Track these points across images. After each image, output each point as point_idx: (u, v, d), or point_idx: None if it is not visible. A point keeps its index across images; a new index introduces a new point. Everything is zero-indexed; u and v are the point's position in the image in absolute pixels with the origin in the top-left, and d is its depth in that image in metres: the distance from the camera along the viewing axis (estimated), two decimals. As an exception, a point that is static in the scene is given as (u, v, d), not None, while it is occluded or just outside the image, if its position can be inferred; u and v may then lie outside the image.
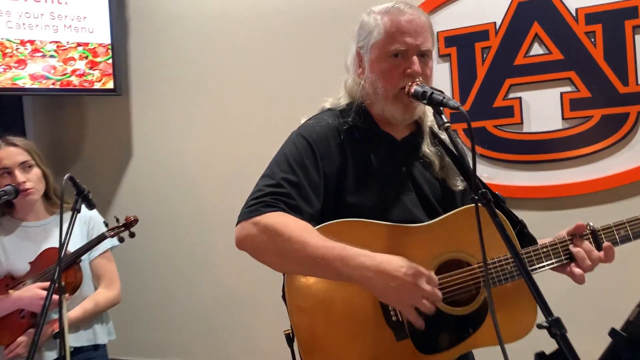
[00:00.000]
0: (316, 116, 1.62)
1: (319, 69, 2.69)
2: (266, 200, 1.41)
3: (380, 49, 1.52)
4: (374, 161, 1.56)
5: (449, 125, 1.37)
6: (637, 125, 2.15)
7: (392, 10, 1.54)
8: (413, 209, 1.56)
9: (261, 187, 1.45)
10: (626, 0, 2.13)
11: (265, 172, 1.49)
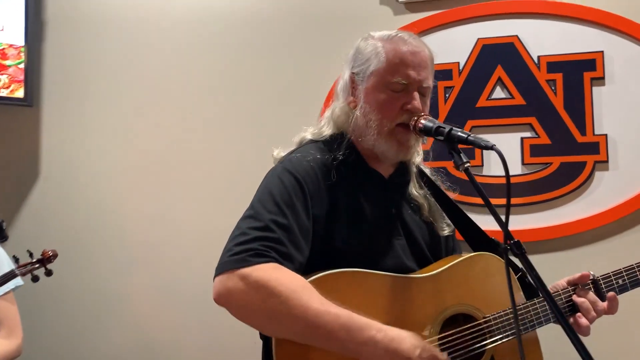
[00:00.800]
0: (301, 149, 1.44)
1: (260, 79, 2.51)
2: (255, 248, 1.20)
3: (379, 78, 1.38)
4: (364, 202, 1.41)
5: (468, 166, 1.26)
6: (593, 174, 2.19)
7: (395, 39, 1.42)
8: (403, 256, 1.43)
9: (246, 230, 1.23)
10: (585, 52, 2.19)
11: (247, 212, 1.29)
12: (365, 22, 2.41)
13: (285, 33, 2.50)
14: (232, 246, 1.22)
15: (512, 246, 1.15)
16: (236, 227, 1.27)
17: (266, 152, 2.29)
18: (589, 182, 2.19)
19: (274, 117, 2.49)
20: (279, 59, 2.51)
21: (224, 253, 1.23)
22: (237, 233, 1.24)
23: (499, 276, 1.38)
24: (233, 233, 1.26)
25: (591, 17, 2.19)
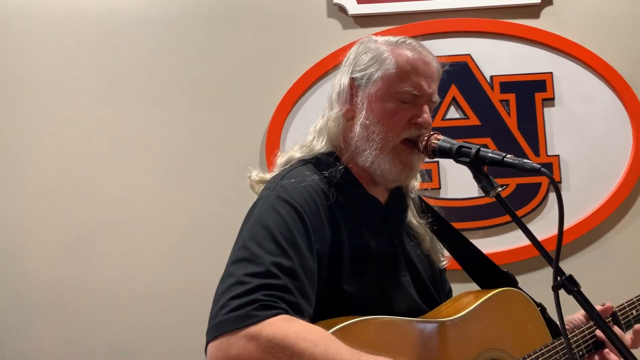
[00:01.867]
0: (293, 172, 1.20)
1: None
2: (260, 299, 0.95)
3: (387, 85, 1.20)
4: (367, 235, 1.21)
5: (500, 191, 1.11)
6: (548, 195, 2.17)
7: (404, 45, 1.24)
8: (414, 295, 1.24)
9: (243, 277, 0.98)
10: (536, 73, 2.19)
11: (239, 253, 1.04)
12: (312, 35, 2.23)
13: (226, 44, 2.25)
14: (228, 300, 0.95)
15: (565, 282, 1.00)
16: (227, 274, 1.01)
17: (187, 156, 2.15)
18: (544, 204, 2.18)
19: (199, 123, 2.22)
20: (222, 75, 2.25)
21: (217, 310, 0.96)
22: (232, 282, 0.98)
23: (523, 313, 1.25)
24: (225, 282, 0.99)
25: (541, 39, 2.20)
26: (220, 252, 2.07)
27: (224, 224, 2.09)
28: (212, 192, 2.20)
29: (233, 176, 2.17)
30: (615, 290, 2.05)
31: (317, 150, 1.24)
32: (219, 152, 2.20)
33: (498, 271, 1.35)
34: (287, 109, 2.19)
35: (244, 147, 2.20)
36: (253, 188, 1.32)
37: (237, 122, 2.21)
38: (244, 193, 2.11)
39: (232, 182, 2.18)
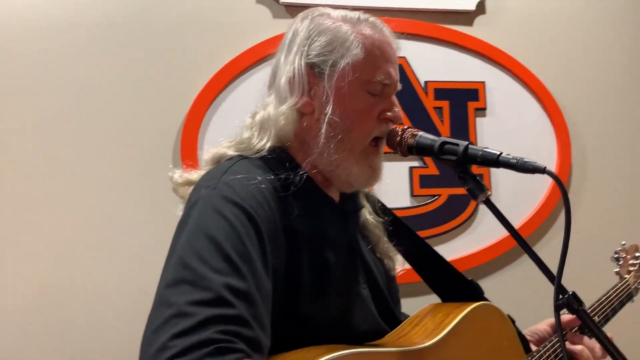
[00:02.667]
0: (234, 168, 0.97)
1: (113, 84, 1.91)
2: (215, 340, 0.71)
3: (357, 74, 1.01)
4: (326, 245, 1.03)
5: (490, 195, 0.97)
6: (479, 207, 2.11)
7: (367, 23, 1.07)
8: (374, 312, 1.07)
9: (186, 307, 0.73)
10: (469, 82, 2.14)
11: (177, 273, 0.79)
12: (237, 22, 2.00)
13: (143, 36, 1.93)
14: (169, 340, 0.70)
15: (570, 300, 0.87)
16: (162, 302, 0.75)
17: (93, 155, 1.81)
18: (475, 216, 2.11)
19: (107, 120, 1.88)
20: (138, 64, 1.92)
21: (154, 354, 0.70)
22: (171, 313, 0.72)
23: (499, 330, 1.13)
24: (159, 313, 0.74)
25: (474, 47, 2.15)
26: (122, 254, 1.81)
27: (130, 227, 1.84)
28: (118, 193, 1.87)
29: (142, 178, 1.87)
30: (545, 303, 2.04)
31: (259, 148, 1.02)
32: (127, 151, 1.88)
33: (463, 280, 1.21)
34: (206, 104, 1.92)
35: (155, 146, 1.90)
36: (177, 191, 1.07)
37: (150, 118, 1.90)
38: (154, 195, 1.85)
39: (141, 184, 1.88)
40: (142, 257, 1.82)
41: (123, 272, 1.83)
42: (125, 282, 1.82)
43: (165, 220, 1.81)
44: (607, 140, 2.25)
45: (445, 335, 1.02)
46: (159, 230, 1.82)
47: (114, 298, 1.81)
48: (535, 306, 1.68)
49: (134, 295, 1.77)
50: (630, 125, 2.30)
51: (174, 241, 0.86)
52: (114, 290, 1.82)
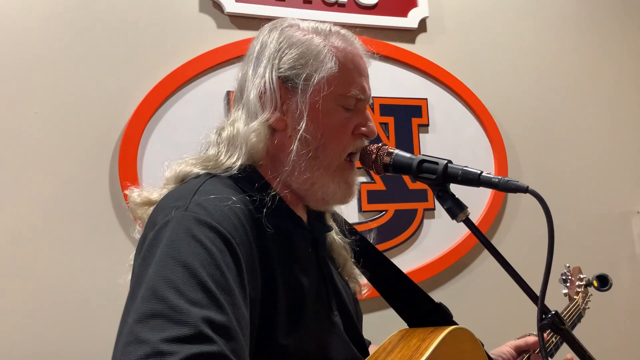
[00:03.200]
0: (207, 186, 0.91)
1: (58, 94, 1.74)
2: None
3: (332, 88, 0.98)
4: (299, 271, 0.99)
5: (469, 214, 0.97)
6: (423, 222, 2.14)
7: (339, 36, 1.05)
8: (347, 339, 1.04)
9: (162, 346, 0.65)
10: (413, 98, 2.17)
11: (149, 305, 0.70)
12: (179, 32, 1.91)
13: (81, 45, 1.79)
14: None
15: (554, 319, 0.87)
16: (133, 339, 0.66)
17: (21, 166, 1.66)
18: (420, 231, 2.13)
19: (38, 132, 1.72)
20: (76, 74, 1.77)
21: None
22: (144, 353, 0.64)
23: (472, 354, 1.11)
24: (131, 351, 0.64)
25: (417, 65, 2.19)
26: (48, 275, 1.63)
27: (60, 247, 1.68)
28: (49, 209, 1.70)
29: (76, 195, 1.72)
30: (492, 314, 2.09)
31: (228, 166, 0.95)
32: (59, 164, 1.72)
33: (431, 304, 1.19)
34: (146, 116, 1.81)
35: (90, 161, 1.75)
36: (134, 212, 0.98)
37: (86, 131, 1.76)
38: (88, 213, 1.71)
39: (74, 201, 1.72)
40: (69, 277, 1.67)
41: (52, 301, 1.66)
42: (46, 304, 1.66)
43: (99, 240, 1.69)
44: (540, 155, 2.36)
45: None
46: (90, 251, 1.69)
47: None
48: (480, 319, 1.72)
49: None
50: (563, 141, 2.43)
51: (141, 268, 0.76)
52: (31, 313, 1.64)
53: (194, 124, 1.83)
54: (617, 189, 2.51)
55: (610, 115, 2.55)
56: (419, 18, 2.21)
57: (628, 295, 2.42)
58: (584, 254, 2.24)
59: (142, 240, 0.85)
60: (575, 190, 2.41)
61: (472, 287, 2.17)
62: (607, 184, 2.49)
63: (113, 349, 0.68)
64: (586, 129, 2.49)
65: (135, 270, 0.77)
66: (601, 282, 1.53)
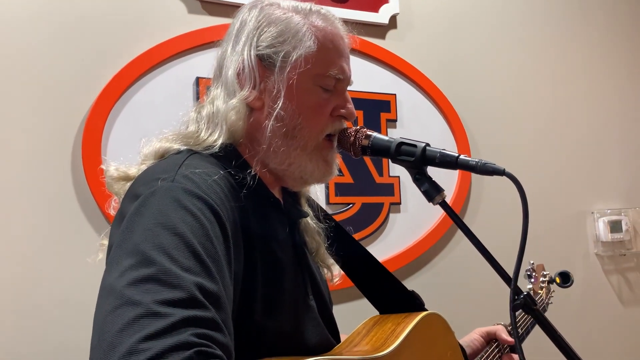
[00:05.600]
0: (191, 161, 0.89)
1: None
2: (194, 343, 0.62)
3: (310, 67, 0.97)
4: (277, 250, 0.98)
5: (445, 197, 0.99)
6: (389, 216, 2.15)
7: (319, 15, 1.04)
8: (322, 323, 1.04)
9: (156, 307, 0.63)
10: (381, 93, 2.18)
11: (140, 270, 0.67)
12: (149, 15, 1.86)
13: (47, 24, 1.71)
14: (141, 341, 0.59)
15: (526, 300, 0.89)
16: (125, 302, 0.63)
17: None
18: (386, 224, 2.15)
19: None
20: (41, 53, 1.70)
21: (120, 357, 0.59)
22: (138, 313, 0.62)
23: (444, 339, 1.14)
24: (123, 313, 0.62)
25: (387, 60, 2.21)
26: (11, 256, 1.55)
27: (21, 231, 1.61)
28: (9, 191, 1.62)
29: (36, 176, 1.65)
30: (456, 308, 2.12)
31: (210, 144, 0.94)
32: (20, 145, 1.65)
33: (404, 292, 1.20)
34: (112, 99, 1.75)
35: (52, 143, 1.69)
36: (111, 187, 0.96)
37: (49, 112, 1.69)
38: (49, 195, 1.64)
39: (34, 183, 1.65)
40: (31, 264, 1.61)
41: (10, 274, 1.59)
42: (12, 284, 1.59)
43: (60, 222, 1.63)
44: (501, 155, 2.41)
45: (400, 343, 1.00)
46: (52, 233, 1.62)
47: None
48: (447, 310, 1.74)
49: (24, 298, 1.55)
50: (525, 143, 2.50)
51: (124, 236, 0.73)
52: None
53: (161, 110, 1.79)
54: (574, 190, 2.59)
55: (567, 117, 2.64)
56: (390, 14, 2.23)
57: (582, 290, 2.51)
58: (543, 251, 2.31)
59: (120, 214, 0.82)
60: (535, 191, 2.48)
61: (437, 280, 2.20)
62: (564, 185, 2.57)
63: (93, 321, 0.65)
64: (545, 131, 2.57)
65: (116, 241, 0.74)
66: (563, 279, 1.58)
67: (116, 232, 0.77)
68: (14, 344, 1.56)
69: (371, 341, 1.02)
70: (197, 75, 1.85)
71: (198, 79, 1.85)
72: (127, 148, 1.09)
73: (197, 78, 1.85)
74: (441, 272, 2.22)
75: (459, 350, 1.16)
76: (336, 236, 1.18)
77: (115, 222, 0.83)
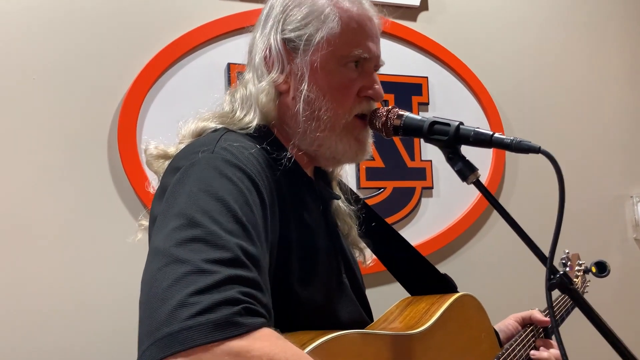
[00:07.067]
0: (229, 136, 0.92)
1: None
2: (241, 300, 0.64)
3: (333, 48, 0.97)
4: (312, 225, 0.99)
5: (480, 176, 0.97)
6: (421, 200, 2.14)
7: None
8: (355, 301, 1.05)
9: (204, 265, 0.65)
10: (413, 76, 2.16)
11: (187, 231, 0.70)
12: (181, 4, 1.87)
13: (80, 14, 1.75)
14: (190, 295, 0.62)
15: (562, 279, 0.88)
16: (173, 260, 0.66)
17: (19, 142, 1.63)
18: (418, 209, 2.14)
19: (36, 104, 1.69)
20: (75, 42, 1.74)
21: (172, 310, 0.61)
22: (187, 270, 0.64)
23: (478, 321, 1.14)
24: (171, 271, 0.64)
25: (418, 42, 2.18)
26: (49, 244, 1.61)
27: (57, 218, 1.64)
28: (46, 178, 1.68)
29: (72, 165, 1.70)
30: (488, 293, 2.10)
31: (246, 124, 0.96)
32: (57, 134, 1.70)
33: (436, 275, 1.20)
34: (146, 86, 1.78)
35: (88, 131, 1.73)
36: (151, 165, 0.99)
37: (84, 101, 1.73)
38: (85, 182, 1.69)
39: (70, 171, 1.70)
40: (69, 246, 1.66)
41: (49, 260, 1.65)
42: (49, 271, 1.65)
43: (96, 210, 1.67)
44: (536, 138, 2.36)
45: (434, 323, 1.00)
46: (88, 222, 1.67)
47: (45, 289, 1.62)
48: (479, 297, 1.72)
49: (58, 287, 1.60)
50: (560, 126, 2.44)
51: (168, 204, 0.76)
52: (37, 282, 1.63)
53: (194, 95, 1.81)
54: (612, 174, 2.53)
55: (603, 97, 2.56)
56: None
57: (620, 277, 2.45)
58: (578, 236, 2.26)
59: (161, 188, 0.85)
60: (571, 175, 2.42)
61: (470, 266, 2.18)
62: (602, 169, 2.51)
63: (141, 281, 0.68)
64: (581, 112, 2.50)
65: (161, 210, 0.77)
66: (600, 268, 1.55)
67: (158, 204, 0.80)
68: (52, 325, 1.62)
69: (405, 320, 1.02)
70: (229, 62, 1.87)
71: (229, 65, 1.86)
72: (161, 133, 1.12)
73: (228, 64, 1.87)
74: (473, 258, 2.20)
75: (493, 333, 1.15)
76: (368, 219, 1.18)
77: (157, 197, 0.86)
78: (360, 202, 1.19)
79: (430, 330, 0.97)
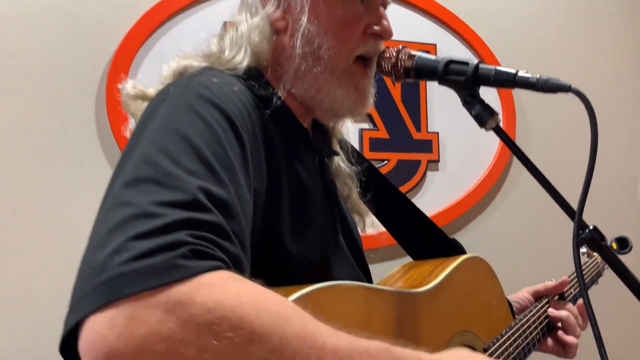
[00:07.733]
0: (210, 72, 0.81)
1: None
2: (189, 242, 0.53)
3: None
4: (305, 177, 0.88)
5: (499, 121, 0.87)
6: (427, 174, 2.03)
7: None
8: (354, 262, 0.94)
9: (151, 207, 0.55)
10: (420, 43, 2.05)
11: (138, 170, 0.60)
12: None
13: None
14: (128, 240, 0.51)
15: (592, 235, 0.77)
16: (117, 202, 0.56)
17: None
18: (422, 183, 2.03)
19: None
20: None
21: (106, 258, 0.51)
22: (130, 213, 0.54)
23: (489, 286, 1.04)
24: (115, 213, 0.55)
25: (426, 7, 2.07)
26: (33, 202, 1.53)
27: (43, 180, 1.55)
28: (32, 141, 1.58)
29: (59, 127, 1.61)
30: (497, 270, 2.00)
31: (234, 65, 0.85)
32: (43, 94, 1.60)
33: (443, 238, 1.10)
34: (135, 45, 1.68)
35: (75, 91, 1.63)
36: (127, 106, 0.88)
37: (70, 61, 1.63)
38: (71, 145, 1.59)
39: (57, 133, 1.61)
40: (55, 206, 1.57)
41: (31, 220, 1.56)
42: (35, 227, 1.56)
43: (83, 173, 1.58)
44: (548, 111, 2.25)
45: (439, 283, 0.90)
46: (74, 184, 1.58)
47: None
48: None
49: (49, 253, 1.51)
50: (572, 101, 2.32)
51: (131, 143, 0.66)
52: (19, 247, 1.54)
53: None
54: (626, 155, 2.41)
55: (617, 74, 2.44)
56: (431, -41, 2.08)
57: (636, 261, 2.34)
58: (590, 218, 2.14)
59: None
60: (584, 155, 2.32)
61: (475, 245, 2.07)
62: (615, 149, 2.39)
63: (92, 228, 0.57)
64: (596, 88, 2.38)
65: (126, 147, 0.66)
66: (620, 244, 1.45)
67: None
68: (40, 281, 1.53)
69: (408, 281, 0.92)
70: (225, 20, 1.76)
71: (226, 23, 1.75)
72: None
73: (224, 23, 1.76)
74: (480, 236, 2.09)
75: (506, 302, 1.05)
76: (370, 179, 1.07)
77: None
78: (363, 160, 1.08)
79: (435, 290, 0.87)
